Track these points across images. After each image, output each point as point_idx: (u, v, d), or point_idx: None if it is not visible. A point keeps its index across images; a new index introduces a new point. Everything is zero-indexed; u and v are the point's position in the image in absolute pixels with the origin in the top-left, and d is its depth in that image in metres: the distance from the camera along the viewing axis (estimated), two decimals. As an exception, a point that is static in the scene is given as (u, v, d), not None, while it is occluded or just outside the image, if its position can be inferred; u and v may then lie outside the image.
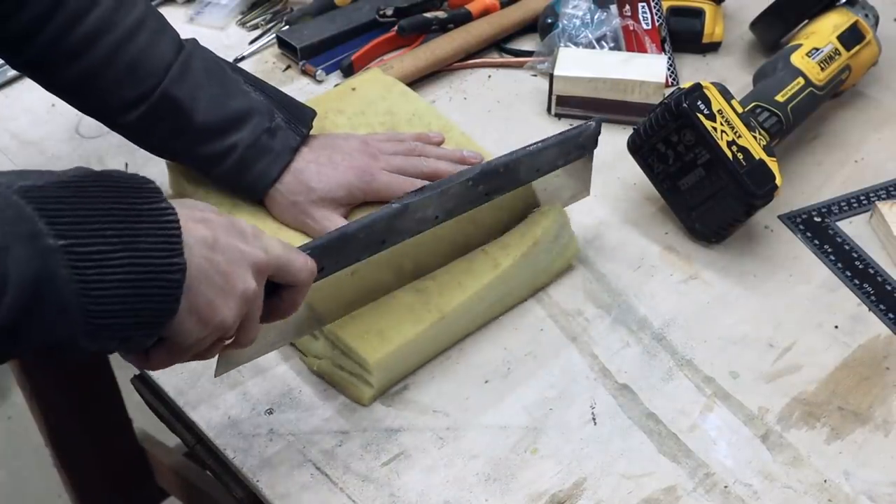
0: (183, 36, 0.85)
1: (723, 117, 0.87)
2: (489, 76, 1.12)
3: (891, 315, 0.86)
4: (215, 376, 0.72)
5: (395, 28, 1.13)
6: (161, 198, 0.57)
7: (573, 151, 0.85)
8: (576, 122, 1.05)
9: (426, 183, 0.86)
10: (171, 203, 0.57)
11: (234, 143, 0.82)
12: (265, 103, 0.84)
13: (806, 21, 1.06)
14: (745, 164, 0.86)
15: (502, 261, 0.82)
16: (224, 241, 0.60)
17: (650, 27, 1.11)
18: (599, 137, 0.86)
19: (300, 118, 0.86)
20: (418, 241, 0.78)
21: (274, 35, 1.15)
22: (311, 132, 0.88)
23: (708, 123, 0.86)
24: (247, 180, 0.84)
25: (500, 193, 0.81)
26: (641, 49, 1.10)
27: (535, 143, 0.81)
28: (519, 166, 0.81)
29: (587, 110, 1.05)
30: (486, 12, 1.16)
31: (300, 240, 0.84)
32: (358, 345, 0.76)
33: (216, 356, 0.66)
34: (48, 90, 0.84)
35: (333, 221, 0.84)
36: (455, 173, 0.79)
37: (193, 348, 0.60)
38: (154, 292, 0.54)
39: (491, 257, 0.83)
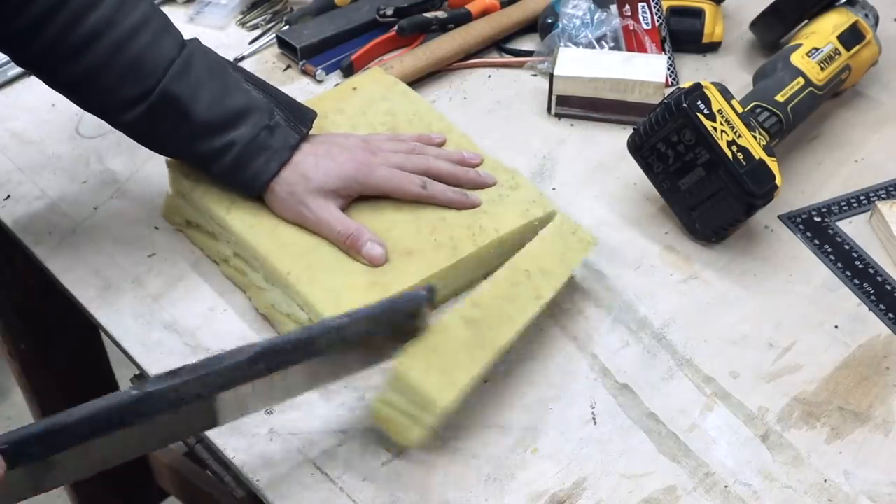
0: (184, 35, 0.85)
1: (723, 117, 0.87)
2: (489, 76, 1.12)
3: (891, 315, 0.86)
4: None
5: (395, 28, 1.13)
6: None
7: (397, 321, 0.73)
8: (575, 122, 1.05)
9: (426, 179, 0.87)
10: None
11: (233, 140, 0.83)
12: (265, 101, 0.85)
13: (806, 21, 1.06)
14: (745, 163, 0.86)
15: (544, 292, 0.81)
16: None
17: (650, 27, 1.11)
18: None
19: (300, 117, 0.87)
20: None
21: (274, 35, 1.15)
22: (312, 132, 0.88)
23: (708, 123, 0.86)
24: (245, 177, 0.84)
25: (289, 366, 0.68)
26: (641, 49, 1.10)
27: (342, 316, 0.70)
28: (314, 342, 0.69)
29: (587, 110, 1.05)
30: (486, 12, 1.16)
31: (297, 234, 0.84)
32: (425, 385, 0.72)
33: None
34: (50, 87, 0.84)
35: (330, 211, 0.84)
36: (236, 349, 0.66)
37: None
38: None
39: (533, 285, 0.80)
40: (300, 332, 0.69)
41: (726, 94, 0.89)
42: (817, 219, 0.95)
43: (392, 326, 0.72)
